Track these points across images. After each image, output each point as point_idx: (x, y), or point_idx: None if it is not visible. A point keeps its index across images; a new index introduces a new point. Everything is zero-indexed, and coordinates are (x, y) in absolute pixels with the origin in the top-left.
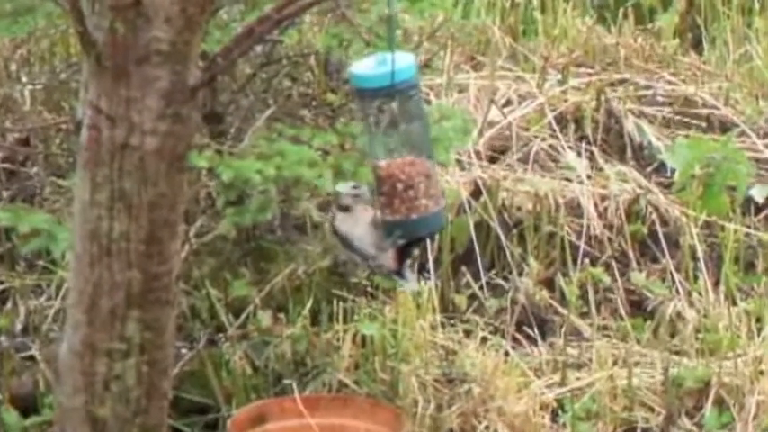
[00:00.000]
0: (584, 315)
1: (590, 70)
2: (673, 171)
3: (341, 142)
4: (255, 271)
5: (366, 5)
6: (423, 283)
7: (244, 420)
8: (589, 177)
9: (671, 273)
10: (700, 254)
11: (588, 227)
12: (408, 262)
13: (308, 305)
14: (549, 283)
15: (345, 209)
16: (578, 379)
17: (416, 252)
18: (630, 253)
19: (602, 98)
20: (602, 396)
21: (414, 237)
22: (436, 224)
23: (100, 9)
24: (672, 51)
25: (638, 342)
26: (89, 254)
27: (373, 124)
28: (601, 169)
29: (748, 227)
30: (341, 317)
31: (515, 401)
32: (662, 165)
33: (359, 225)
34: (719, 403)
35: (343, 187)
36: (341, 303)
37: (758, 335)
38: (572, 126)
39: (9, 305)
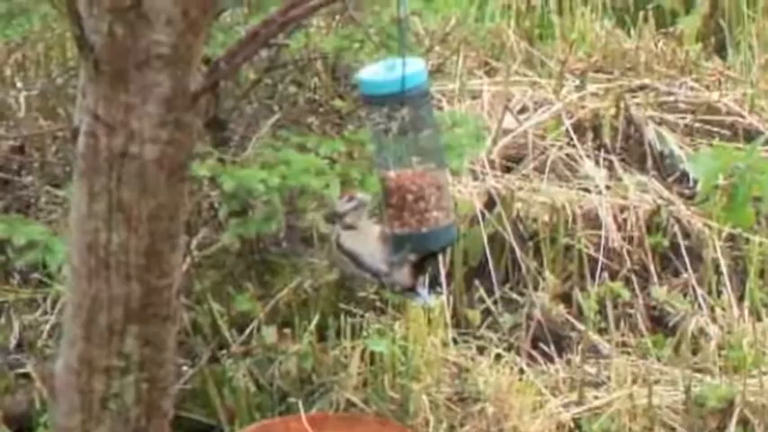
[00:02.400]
0: (602, 331)
1: (609, 76)
2: (695, 181)
3: (349, 150)
4: (260, 285)
5: (377, 7)
6: (434, 297)
7: None
8: (608, 188)
9: (693, 287)
10: (723, 267)
11: (607, 239)
12: (422, 278)
13: (315, 320)
14: (566, 298)
15: (349, 227)
16: (596, 398)
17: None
18: (651, 266)
19: (622, 105)
20: (621, 416)
21: (424, 251)
22: (447, 238)
23: (98, 11)
24: (694, 56)
25: (659, 359)
26: (86, 267)
27: (382, 132)
28: (620, 179)
29: None
30: (349, 333)
31: (531, 421)
32: (684, 174)
33: (368, 241)
34: (744, 423)
35: (339, 205)
36: (349, 319)
37: None
38: (590, 134)
39: (3, 320)
